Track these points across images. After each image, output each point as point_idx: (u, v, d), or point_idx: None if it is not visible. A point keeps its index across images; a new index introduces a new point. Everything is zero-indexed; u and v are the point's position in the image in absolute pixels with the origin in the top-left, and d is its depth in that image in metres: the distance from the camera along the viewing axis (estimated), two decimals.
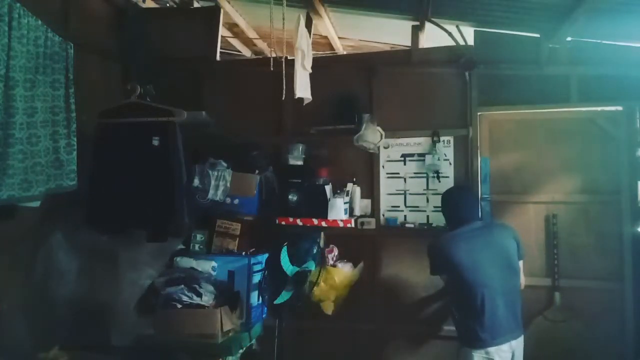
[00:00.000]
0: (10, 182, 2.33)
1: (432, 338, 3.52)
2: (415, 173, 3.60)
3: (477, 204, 3.08)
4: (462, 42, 3.64)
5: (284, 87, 2.76)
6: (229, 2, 3.95)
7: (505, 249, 2.73)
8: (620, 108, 3.39)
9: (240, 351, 3.02)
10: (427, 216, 3.56)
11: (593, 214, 3.37)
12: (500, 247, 2.73)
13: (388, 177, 3.64)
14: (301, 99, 3.12)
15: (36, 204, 2.55)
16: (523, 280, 2.86)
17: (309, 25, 3.69)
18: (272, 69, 2.72)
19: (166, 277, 3.01)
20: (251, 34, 4.72)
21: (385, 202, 3.63)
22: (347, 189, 3.50)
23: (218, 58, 3.95)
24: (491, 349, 2.57)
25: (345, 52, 4.78)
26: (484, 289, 2.59)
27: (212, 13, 3.90)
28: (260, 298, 3.19)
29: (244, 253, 3.25)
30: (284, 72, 2.73)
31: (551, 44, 3.43)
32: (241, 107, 3.79)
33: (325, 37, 4.44)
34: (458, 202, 2.93)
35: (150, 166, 2.87)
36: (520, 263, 2.80)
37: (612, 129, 3.37)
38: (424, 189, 3.58)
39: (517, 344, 2.65)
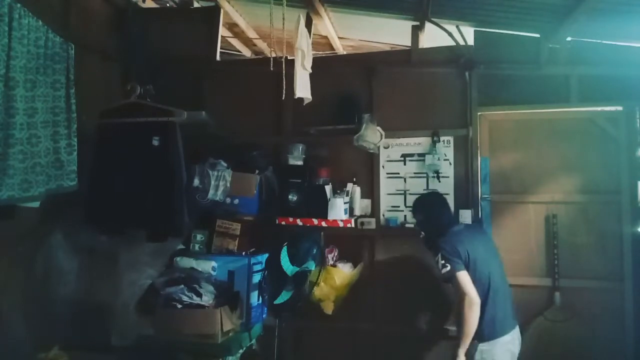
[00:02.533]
0: (10, 183, 2.34)
1: (432, 338, 3.51)
2: (415, 173, 3.59)
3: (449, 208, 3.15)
4: (462, 42, 3.63)
5: (284, 87, 2.76)
6: (229, 2, 3.95)
7: (493, 245, 2.96)
8: (620, 108, 3.39)
9: (240, 351, 3.02)
10: None
11: (593, 214, 3.37)
12: (491, 242, 2.98)
13: (388, 177, 3.64)
14: (301, 99, 3.12)
15: (36, 204, 2.55)
16: None
17: (309, 25, 3.69)
18: (272, 69, 2.72)
19: (166, 277, 3.01)
20: (251, 34, 4.72)
21: (385, 202, 3.63)
22: (347, 189, 3.50)
23: (218, 58, 3.96)
24: (514, 332, 2.69)
25: (345, 52, 4.78)
26: (492, 280, 2.69)
27: (212, 13, 3.91)
28: (260, 298, 3.19)
29: (244, 253, 3.25)
30: (284, 72, 2.73)
31: (551, 44, 3.43)
32: (241, 107, 3.79)
33: (325, 37, 4.44)
34: (440, 207, 3.00)
35: (150, 166, 2.88)
36: None
37: (612, 129, 3.37)
38: (424, 189, 3.56)
39: (518, 332, 2.78)
